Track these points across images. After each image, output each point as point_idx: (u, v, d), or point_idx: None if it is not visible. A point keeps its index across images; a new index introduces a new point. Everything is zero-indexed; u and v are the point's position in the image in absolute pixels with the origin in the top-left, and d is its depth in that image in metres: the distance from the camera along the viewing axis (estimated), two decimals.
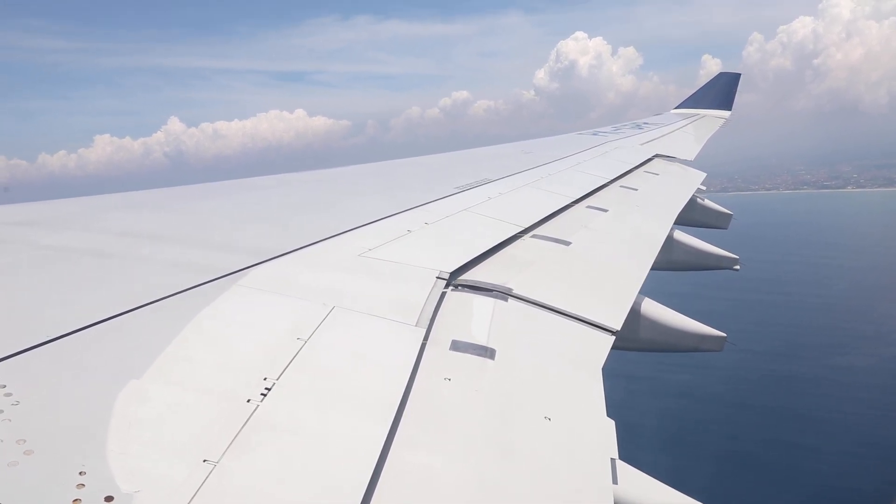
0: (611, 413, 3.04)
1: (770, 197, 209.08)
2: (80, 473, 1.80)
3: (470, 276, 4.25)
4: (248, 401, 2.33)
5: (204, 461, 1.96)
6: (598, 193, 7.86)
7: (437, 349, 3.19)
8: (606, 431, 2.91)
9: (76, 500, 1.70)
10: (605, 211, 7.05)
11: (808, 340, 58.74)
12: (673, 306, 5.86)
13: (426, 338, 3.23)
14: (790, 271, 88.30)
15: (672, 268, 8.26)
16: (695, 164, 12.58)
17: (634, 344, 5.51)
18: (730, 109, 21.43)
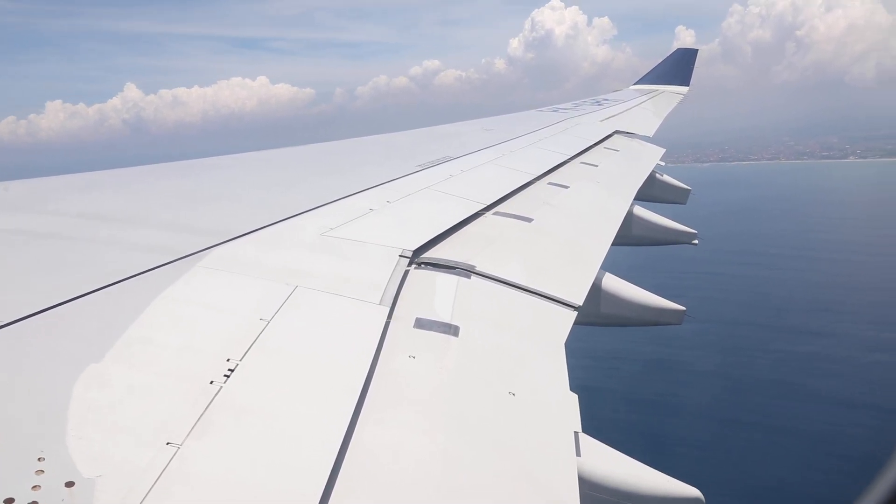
0: (573, 387, 3.09)
1: (773, 167, 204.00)
2: (39, 459, 1.77)
3: (433, 254, 4.26)
4: (212, 382, 2.32)
5: (167, 444, 1.95)
6: (559, 170, 7.92)
7: (401, 327, 3.20)
8: (570, 405, 2.96)
9: (35, 486, 1.68)
10: (566, 187, 7.10)
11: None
12: (634, 281, 5.96)
13: (390, 316, 3.23)
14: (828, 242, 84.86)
15: (633, 243, 8.39)
16: (655, 139, 12.72)
17: (596, 319, 5.59)
18: (688, 85, 21.64)
